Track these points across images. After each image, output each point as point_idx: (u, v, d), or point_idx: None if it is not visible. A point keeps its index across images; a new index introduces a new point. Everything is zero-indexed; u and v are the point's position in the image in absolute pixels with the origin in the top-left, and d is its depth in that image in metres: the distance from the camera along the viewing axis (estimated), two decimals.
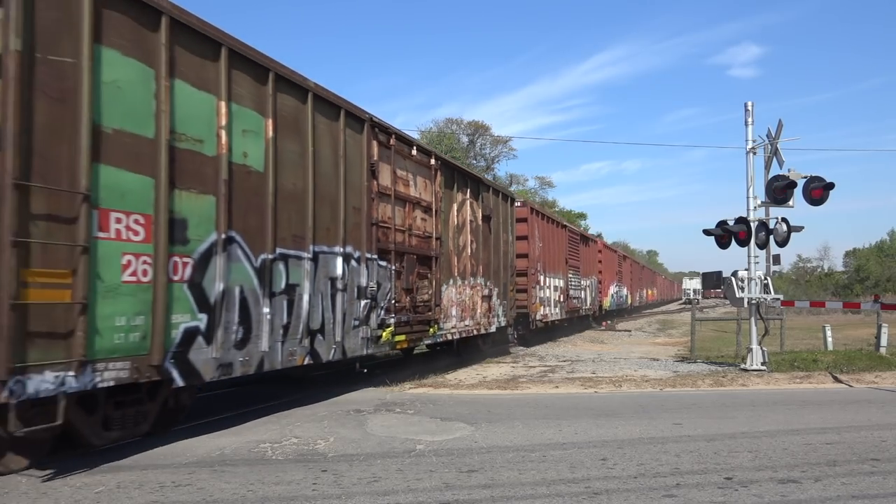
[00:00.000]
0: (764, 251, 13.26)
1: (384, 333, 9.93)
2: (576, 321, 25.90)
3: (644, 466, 5.56)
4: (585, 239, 28.26)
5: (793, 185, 12.32)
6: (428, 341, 11.93)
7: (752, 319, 12.87)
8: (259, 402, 8.85)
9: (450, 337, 12.61)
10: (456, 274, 12.87)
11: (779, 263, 16.39)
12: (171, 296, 6.13)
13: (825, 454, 6.01)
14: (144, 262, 5.84)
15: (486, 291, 14.49)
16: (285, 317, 7.74)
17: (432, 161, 11.80)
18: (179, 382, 6.27)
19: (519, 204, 18.04)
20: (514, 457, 5.87)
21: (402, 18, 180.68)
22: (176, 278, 6.18)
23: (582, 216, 58.83)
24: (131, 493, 4.84)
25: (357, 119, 9.38)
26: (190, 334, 6.35)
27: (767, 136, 12.82)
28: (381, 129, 10.01)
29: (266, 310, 7.37)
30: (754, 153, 12.94)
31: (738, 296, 12.79)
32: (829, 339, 16.22)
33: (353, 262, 9.19)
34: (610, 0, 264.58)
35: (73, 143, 5.25)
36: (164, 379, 6.13)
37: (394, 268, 10.26)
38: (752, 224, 12.63)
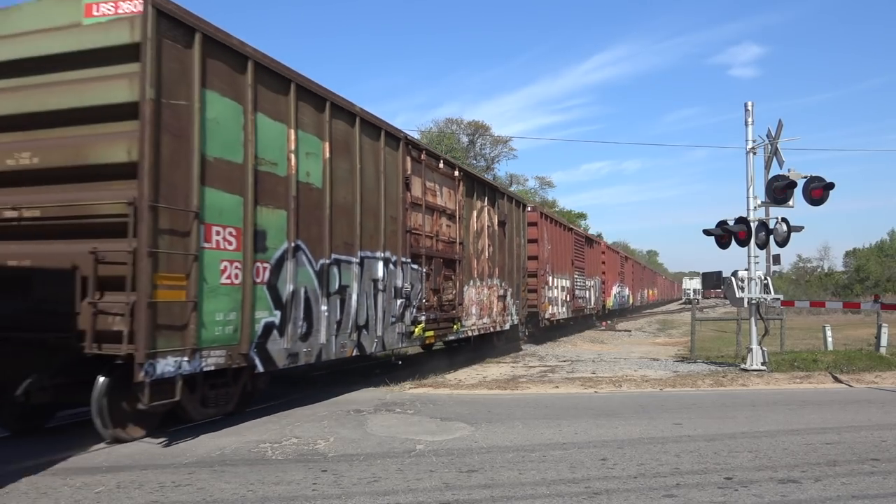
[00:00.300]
0: (764, 251, 13.26)
1: (416, 329, 11.06)
2: (581, 320, 26.71)
3: (644, 466, 5.56)
4: (590, 241, 29.37)
5: (793, 185, 12.32)
6: (451, 337, 12.85)
7: (752, 319, 12.87)
8: (259, 402, 8.84)
9: (470, 334, 13.60)
10: (475, 275, 13.86)
11: (779, 263, 16.42)
12: (255, 296, 7.24)
13: (825, 454, 6.01)
14: (236, 268, 7.02)
15: (501, 291, 15.44)
16: (338, 314, 8.92)
17: (455, 173, 12.91)
18: (260, 368, 7.40)
19: (530, 209, 19.06)
20: (514, 457, 5.87)
21: (402, 18, 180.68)
22: (258, 281, 7.31)
23: (582, 216, 58.84)
24: (131, 493, 4.85)
25: (394, 138, 10.51)
26: (268, 328, 7.48)
27: (767, 136, 12.82)
28: (413, 146, 11.15)
29: (324, 307, 8.56)
30: (754, 153, 12.95)
31: (738, 296, 12.79)
32: (829, 339, 16.22)
33: (391, 266, 10.28)
34: (610, 0, 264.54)
35: (186, 171, 6.39)
36: (249, 365, 7.27)
37: (424, 270, 11.33)
38: (752, 224, 12.63)
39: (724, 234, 12.98)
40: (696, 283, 75.38)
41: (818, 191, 12.18)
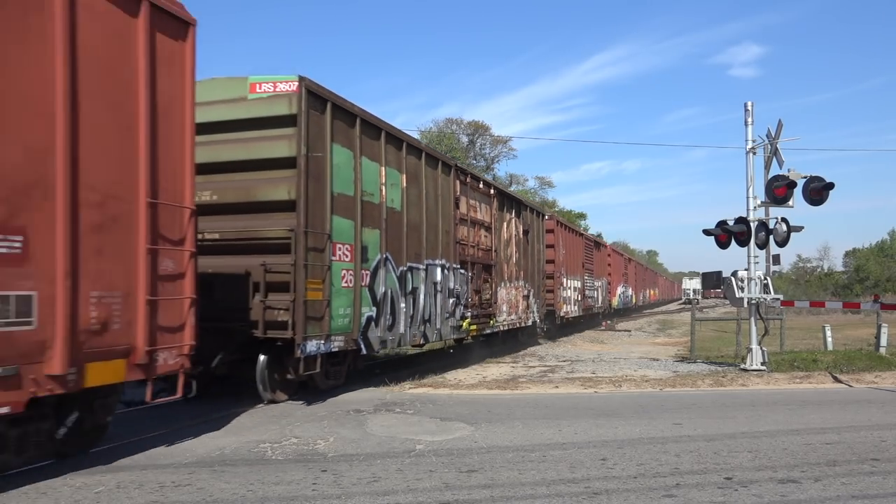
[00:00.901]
0: (764, 251, 13.26)
1: (464, 323, 13.17)
2: (588, 318, 28.60)
3: (644, 466, 5.57)
4: (598, 244, 31.54)
5: (793, 185, 12.32)
6: (487, 331, 14.80)
7: (752, 319, 12.88)
8: (259, 401, 8.84)
9: (501, 328, 15.58)
10: (505, 278, 15.92)
11: (779, 263, 16.38)
12: (361, 296, 9.48)
13: (825, 454, 6.01)
14: (350, 274, 9.25)
15: (525, 292, 17.50)
16: (411, 310, 11.06)
17: (491, 191, 15.17)
18: (363, 351, 9.67)
19: (547, 217, 21.03)
20: (514, 457, 5.88)
21: (402, 18, 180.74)
22: (363, 284, 9.55)
23: (582, 216, 58.84)
24: (131, 493, 4.85)
25: (447, 166, 12.71)
26: (369, 320, 9.72)
27: (767, 136, 12.82)
28: (461, 171, 13.47)
29: (403, 305, 10.77)
30: (754, 153, 12.95)
31: (738, 296, 12.79)
32: (829, 339, 16.23)
33: (446, 271, 12.40)
34: (610, 0, 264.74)
35: (322, 205, 8.65)
36: (356, 348, 9.45)
37: (469, 274, 13.43)
38: (751, 224, 12.63)
39: (724, 234, 12.98)
40: (696, 283, 75.53)
41: (818, 191, 12.18)
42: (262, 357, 8.47)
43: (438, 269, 12.05)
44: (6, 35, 4.80)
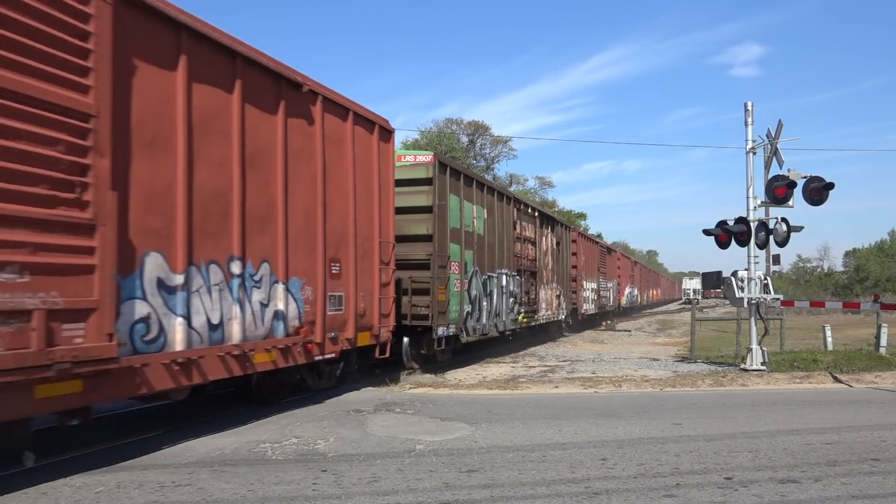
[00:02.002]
0: (764, 251, 13.25)
1: (520, 317, 16.98)
2: (600, 315, 32.08)
3: (644, 466, 5.57)
4: (609, 250, 35.50)
5: (793, 185, 12.32)
6: (533, 323, 18.49)
7: (752, 319, 12.87)
8: (259, 402, 8.85)
9: (542, 321, 19.58)
10: (544, 282, 19.71)
11: (779, 263, 16.38)
12: (462, 297, 13.12)
13: (825, 454, 6.01)
14: (458, 282, 12.89)
15: (557, 293, 21.44)
16: (489, 307, 14.83)
17: (535, 213, 19.19)
18: (463, 337, 13.77)
19: (572, 230, 25.35)
20: (514, 457, 5.88)
21: (402, 18, 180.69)
22: (464, 289, 13.22)
23: (582, 216, 58.81)
24: (131, 493, 4.85)
25: (509, 198, 16.74)
26: (467, 314, 13.39)
27: (767, 136, 12.82)
28: (517, 201, 17.53)
29: (485, 303, 14.58)
30: (754, 153, 12.94)
31: (738, 296, 12.79)
32: (829, 339, 16.22)
33: (508, 277, 16.17)
34: (611, 0, 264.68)
35: (444, 236, 12.23)
36: (459, 333, 13.07)
37: (521, 279, 17.16)
38: (751, 224, 12.63)
39: (724, 234, 12.98)
40: (696, 283, 75.68)
41: (818, 191, 12.18)
42: (405, 339, 12.08)
43: (504, 276, 15.88)
44: (336, 159, 8.94)
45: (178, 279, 6.29)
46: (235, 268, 7.05)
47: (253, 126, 7.35)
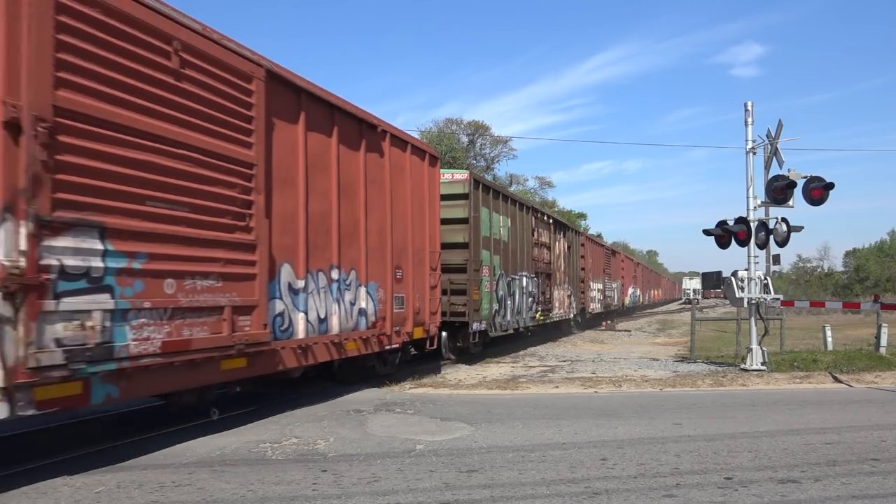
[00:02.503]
0: (764, 251, 13.25)
1: (537, 315, 18.89)
2: (606, 314, 33.97)
3: (644, 466, 5.57)
4: (614, 252, 37.57)
5: (793, 185, 12.31)
6: (547, 321, 20.27)
7: (752, 319, 12.87)
8: (259, 402, 8.85)
9: (555, 319, 21.47)
10: (557, 283, 21.50)
11: (779, 263, 16.41)
12: (492, 297, 14.94)
13: (825, 454, 6.01)
14: (488, 284, 14.70)
15: (568, 293, 23.23)
16: (513, 306, 16.71)
17: (550, 220, 21.10)
18: (491, 333, 15.25)
19: (580, 234, 27.20)
20: (514, 457, 5.88)
21: (402, 18, 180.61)
22: (493, 290, 15.07)
23: (582, 216, 58.82)
24: (131, 493, 4.85)
25: (529, 207, 18.61)
26: (495, 312, 15.22)
27: (767, 136, 12.81)
28: (535, 210, 19.37)
29: (509, 303, 16.39)
30: (754, 153, 12.94)
31: (738, 296, 12.79)
32: (829, 339, 16.22)
33: (527, 279, 17.97)
34: (612, 0, 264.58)
35: (477, 243, 13.91)
36: (488, 329, 14.75)
37: (538, 281, 18.98)
38: (751, 224, 12.63)
39: (724, 234, 12.98)
40: (696, 283, 75.84)
41: (818, 191, 12.18)
42: (443, 333, 13.54)
43: (524, 278, 17.66)
44: (398, 185, 10.69)
45: (300, 284, 8.21)
46: (335, 274, 8.93)
47: (345, 162, 9.23)
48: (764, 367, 12.32)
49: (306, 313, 8.24)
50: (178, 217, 6.28)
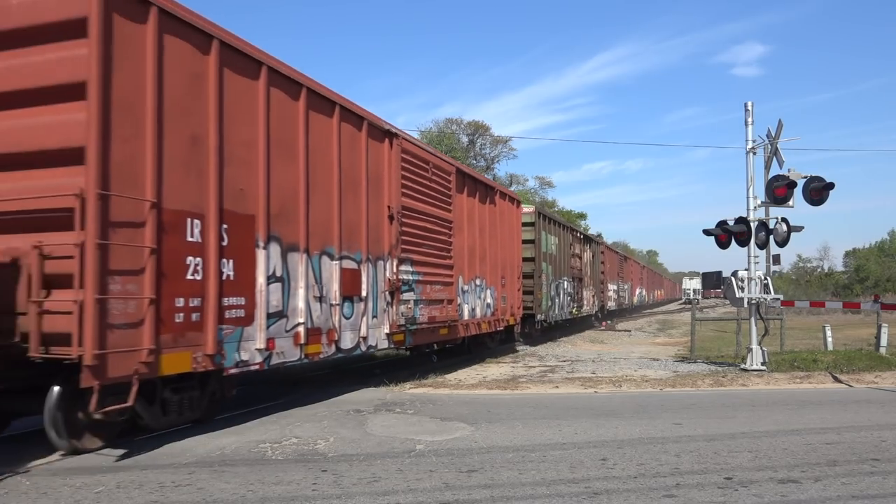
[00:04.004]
0: (764, 251, 13.25)
1: (573, 310, 23.48)
2: (619, 311, 38.85)
3: (644, 466, 5.56)
4: (625, 258, 43.68)
5: (793, 185, 12.31)
6: (579, 315, 24.93)
7: (752, 319, 12.87)
8: (259, 402, 8.85)
9: (584, 314, 26.21)
10: (585, 285, 26.02)
11: (779, 263, 16.38)
12: (546, 296, 19.50)
13: (825, 454, 6.01)
14: (545, 286, 19.39)
15: (592, 293, 27.90)
16: (559, 302, 21.08)
17: (581, 236, 26.29)
18: (546, 322, 19.79)
19: (600, 243, 32.18)
20: (514, 457, 5.87)
21: (403, 18, 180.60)
22: (548, 291, 19.65)
23: (582, 216, 58.73)
24: (131, 493, 4.85)
25: (568, 228, 23.33)
26: (548, 307, 19.77)
27: (767, 136, 12.81)
28: (572, 229, 24.36)
29: (557, 300, 20.83)
30: (754, 153, 12.94)
31: (738, 296, 12.79)
32: (829, 339, 16.21)
33: (566, 282, 22.52)
34: (613, 0, 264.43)
35: (539, 257, 18.83)
36: (545, 320, 19.50)
37: (574, 283, 23.72)
38: (751, 224, 12.63)
39: (724, 234, 12.98)
40: (696, 283, 75.90)
41: (818, 191, 12.18)
42: (515, 325, 17.07)
43: (565, 282, 22.26)
44: (500, 222, 15.57)
45: (466, 287, 13.42)
46: (477, 281, 14.04)
47: (481, 213, 14.38)
48: (764, 367, 12.31)
49: (468, 305, 13.55)
50: (430, 252, 11.60)
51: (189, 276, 6.40)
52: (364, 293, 9.47)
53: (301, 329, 8.02)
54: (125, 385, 5.72)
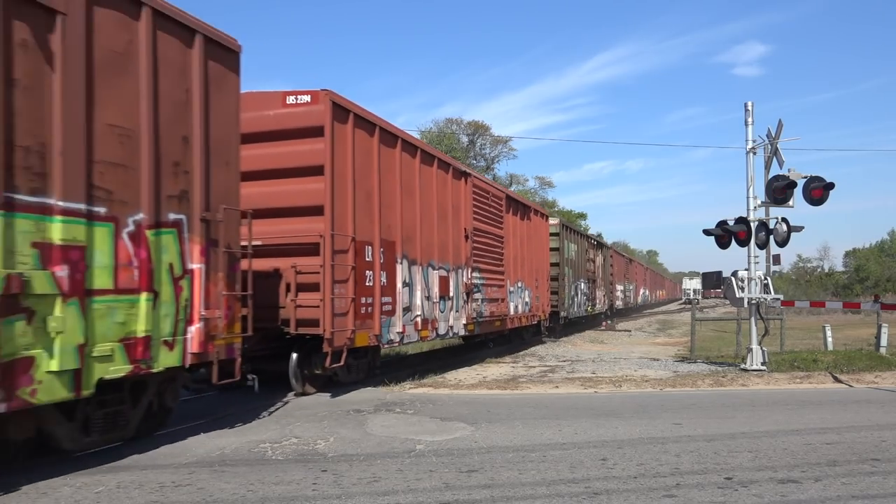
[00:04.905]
0: (764, 251, 13.25)
1: (588, 308, 26.20)
2: (626, 309, 41.75)
3: (644, 466, 5.56)
4: (631, 260, 47.53)
5: (793, 185, 12.31)
6: (593, 312, 27.99)
7: (752, 319, 12.87)
8: (259, 401, 8.85)
9: (597, 312, 28.96)
10: (597, 285, 28.96)
11: (779, 263, 16.39)
12: (568, 296, 23.03)
13: (825, 454, 6.01)
14: (566, 287, 23.00)
15: (603, 293, 30.82)
16: (578, 301, 24.63)
17: (595, 242, 29.50)
18: (567, 318, 23.05)
19: (609, 248, 35.51)
20: (514, 457, 5.87)
21: (404, 18, 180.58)
22: (569, 292, 23.13)
23: (582, 216, 58.76)
24: (131, 493, 4.85)
25: (584, 236, 27.24)
26: (569, 305, 23.00)
27: (767, 136, 12.81)
28: (588, 237, 28.42)
29: (576, 299, 24.37)
30: (754, 153, 12.94)
31: (738, 296, 12.78)
32: (829, 339, 16.21)
33: (583, 284, 25.52)
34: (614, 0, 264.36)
35: (563, 264, 22.30)
36: (566, 315, 22.73)
37: (589, 284, 26.65)
38: (752, 224, 12.63)
39: (724, 234, 12.97)
40: (696, 283, 76.03)
41: (818, 191, 12.17)
42: (544, 321, 19.83)
43: (582, 283, 25.41)
44: (533, 234, 18.49)
45: (512, 288, 16.25)
46: (519, 283, 16.86)
47: (520, 228, 17.14)
48: (764, 367, 12.31)
49: (513, 303, 16.45)
50: (490, 262, 14.68)
51: (367, 283, 9.73)
52: (452, 294, 12.75)
53: (419, 319, 11.39)
54: (338, 352, 9.10)
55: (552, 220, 21.52)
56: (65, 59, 5.26)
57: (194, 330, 6.51)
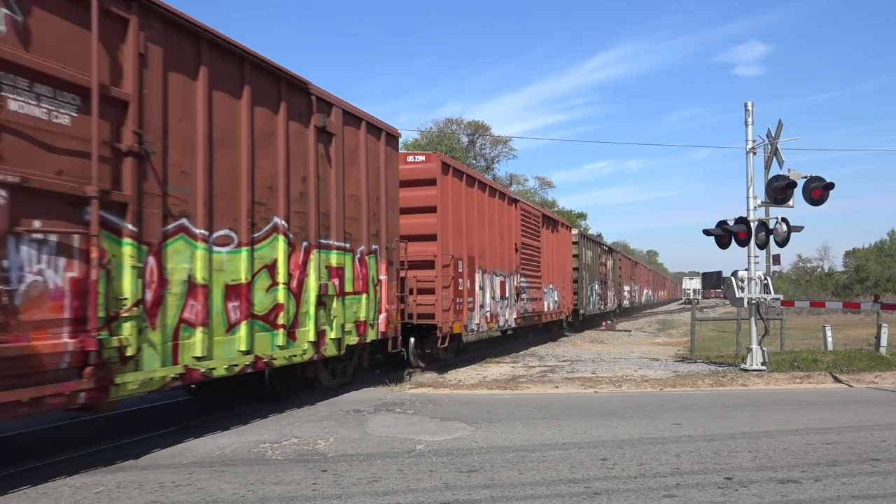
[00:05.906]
0: (764, 251, 13.24)
1: (600, 307, 29.37)
2: (631, 308, 44.83)
3: (644, 466, 5.56)
4: (635, 263, 50.64)
5: (793, 185, 12.30)
6: (608, 309, 31.59)
7: (752, 319, 12.87)
8: (259, 401, 8.85)
9: (607, 310, 31.79)
10: (608, 286, 31.62)
11: (779, 263, 16.37)
12: (586, 295, 26.47)
13: (825, 454, 6.01)
14: (586, 288, 26.88)
15: (613, 293, 33.55)
16: (592, 300, 27.98)
17: (606, 247, 32.81)
18: (585, 314, 27.12)
19: (618, 252, 38.48)
20: (514, 457, 5.87)
21: (404, 18, 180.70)
22: (586, 292, 26.56)
23: (582, 216, 58.75)
24: (131, 493, 4.85)
25: (598, 243, 31.12)
26: (586, 304, 26.42)
27: (767, 136, 12.81)
28: (600, 244, 31.93)
29: (591, 298, 27.83)
30: (754, 153, 12.93)
31: (738, 296, 12.78)
32: (829, 339, 16.20)
33: (597, 285, 28.89)
34: None
35: (582, 269, 25.77)
36: (584, 312, 26.31)
37: (602, 285, 29.99)
38: (751, 224, 12.62)
39: (724, 234, 12.97)
40: (696, 283, 76.10)
41: (818, 191, 12.17)
42: (567, 317, 22.97)
43: (596, 284, 28.47)
44: (558, 245, 21.81)
45: (546, 290, 19.50)
46: (551, 285, 19.85)
47: (551, 239, 20.24)
48: (764, 367, 12.31)
49: (546, 302, 19.34)
50: (531, 268, 17.78)
51: (459, 288, 12.86)
52: (507, 295, 16.00)
53: (488, 314, 14.64)
54: (444, 337, 12.35)
55: (574, 231, 25.71)
56: (335, 161, 8.98)
57: (382, 317, 10.17)
